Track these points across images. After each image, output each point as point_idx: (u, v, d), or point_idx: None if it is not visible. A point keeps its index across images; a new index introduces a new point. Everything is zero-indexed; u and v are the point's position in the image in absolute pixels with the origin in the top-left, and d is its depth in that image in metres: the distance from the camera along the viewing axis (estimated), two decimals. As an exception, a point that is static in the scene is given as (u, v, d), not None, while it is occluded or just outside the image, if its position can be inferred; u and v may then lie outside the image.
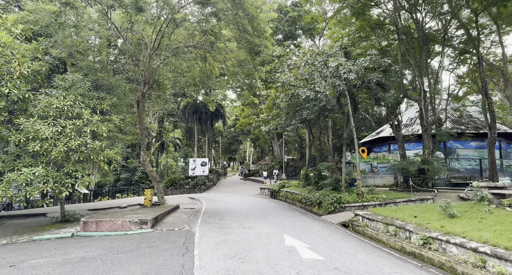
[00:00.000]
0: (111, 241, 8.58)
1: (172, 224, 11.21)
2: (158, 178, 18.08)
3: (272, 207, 18.85)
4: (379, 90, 16.31)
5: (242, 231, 9.66)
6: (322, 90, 13.35)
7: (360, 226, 11.12)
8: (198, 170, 43.17)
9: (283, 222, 12.11)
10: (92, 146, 12.25)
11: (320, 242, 8.43)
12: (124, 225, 10.32)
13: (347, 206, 14.84)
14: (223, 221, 12.14)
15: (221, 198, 26.83)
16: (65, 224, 12.79)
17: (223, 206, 19.30)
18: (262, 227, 10.77)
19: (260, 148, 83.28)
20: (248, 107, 56.92)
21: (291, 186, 27.09)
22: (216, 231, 9.64)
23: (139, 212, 12.79)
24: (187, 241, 8.12)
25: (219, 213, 14.83)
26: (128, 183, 46.28)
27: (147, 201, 15.80)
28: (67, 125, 11.90)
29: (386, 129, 33.44)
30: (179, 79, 17.72)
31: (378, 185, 26.98)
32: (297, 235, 9.26)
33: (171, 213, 14.52)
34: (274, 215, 14.50)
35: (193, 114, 46.43)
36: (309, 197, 18.95)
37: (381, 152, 30.86)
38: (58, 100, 12.11)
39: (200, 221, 11.89)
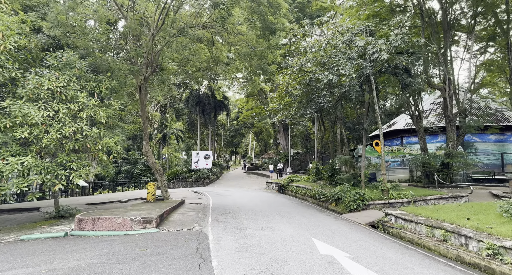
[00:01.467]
0: (110, 244, 7.19)
1: (179, 222, 9.83)
2: (161, 170, 16.70)
3: (284, 203, 17.48)
4: (406, 76, 14.77)
5: (263, 233, 8.26)
6: (348, 73, 11.83)
7: (395, 228, 9.71)
8: (201, 163, 41.84)
9: (303, 222, 10.71)
10: (89, 134, 10.84)
11: (359, 249, 7.02)
12: (125, 224, 8.94)
13: (371, 203, 13.43)
14: (236, 219, 10.75)
15: (227, 192, 25.49)
16: (59, 220, 11.44)
17: (231, 201, 17.94)
18: (283, 227, 9.38)
19: (263, 141, 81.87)
20: (252, 99, 55.35)
21: (300, 180, 25.73)
22: (232, 233, 8.24)
23: (142, 208, 11.41)
24: (200, 246, 6.72)
25: (230, 210, 13.45)
26: (129, 176, 45.01)
27: (150, 195, 14.43)
28: (60, 109, 10.48)
29: (399, 121, 31.89)
30: (184, 62, 16.18)
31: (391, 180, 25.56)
32: (328, 239, 7.85)
33: (176, 209, 13.15)
34: (290, 213, 13.11)
35: (196, 105, 44.95)
36: (323, 192, 17.58)
37: (392, 146, 29.40)
38: (50, 81, 10.65)
39: (211, 220, 10.49)
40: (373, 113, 16.08)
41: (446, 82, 19.26)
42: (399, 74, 14.60)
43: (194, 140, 59.04)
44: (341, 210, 14.29)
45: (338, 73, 12.87)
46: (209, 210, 13.42)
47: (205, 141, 70.14)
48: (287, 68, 17.75)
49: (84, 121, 10.91)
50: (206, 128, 62.05)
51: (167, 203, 13.58)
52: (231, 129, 75.26)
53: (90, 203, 16.13)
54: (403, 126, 29.15)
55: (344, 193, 14.31)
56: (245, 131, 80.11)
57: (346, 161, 17.13)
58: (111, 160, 11.84)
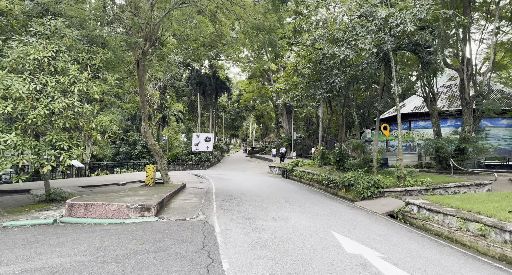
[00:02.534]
0: (102, 236, 6.26)
1: (181, 210, 8.91)
2: (161, 152, 15.71)
3: (291, 189, 16.61)
4: (426, 54, 13.54)
5: (275, 225, 7.33)
6: (368, 47, 10.61)
7: (418, 219, 8.81)
8: (202, 145, 40.96)
9: (316, 211, 9.81)
10: (81, 110, 9.77)
11: (388, 246, 6.10)
12: (121, 211, 8.01)
13: (386, 191, 12.52)
14: (243, 207, 9.83)
15: (229, 176, 24.65)
16: (50, 204, 10.52)
17: (235, 186, 17.07)
18: (296, 217, 8.46)
19: (264, 125, 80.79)
20: (254, 81, 53.87)
21: (305, 165, 24.87)
22: (241, 224, 7.30)
23: (140, 193, 10.48)
24: (207, 241, 5.77)
25: (234, 196, 12.55)
26: (128, 157, 44.17)
27: (149, 179, 13.49)
28: (49, 82, 9.35)
29: (407, 105, 30.71)
30: (186, 37, 14.86)
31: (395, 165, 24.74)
32: (350, 233, 6.93)
33: (177, 194, 12.24)
34: (299, 200, 12.23)
35: (197, 86, 43.54)
36: (332, 178, 16.70)
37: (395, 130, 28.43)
38: (37, 50, 9.47)
39: (216, 207, 9.57)
40: (388, 94, 14.99)
41: (464, 62, 18.02)
42: (420, 52, 13.38)
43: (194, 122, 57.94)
44: (353, 197, 13.42)
45: (356, 48, 11.65)
46: (213, 195, 12.52)
47: (206, 124, 69.02)
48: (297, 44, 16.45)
49: (76, 96, 9.80)
50: (206, 111, 60.78)
51: (167, 187, 12.67)
52: (232, 112, 74.07)
53: (85, 185, 15.23)
54: (411, 110, 28.03)
55: (357, 179, 13.39)
56: (246, 114, 78.92)
57: (358, 145, 16.14)
58: (107, 140, 10.80)
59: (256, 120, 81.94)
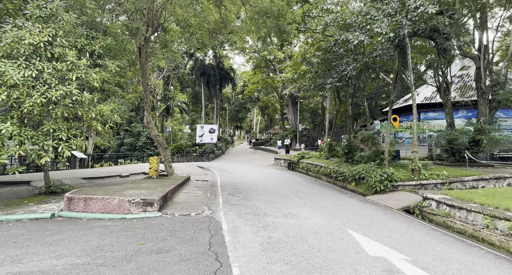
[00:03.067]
0: (101, 233, 5.79)
1: (186, 204, 8.42)
2: (165, 143, 15.21)
3: (298, 182, 16.10)
4: (443, 40, 12.78)
5: (287, 222, 6.81)
6: (385, 32, 9.91)
7: (438, 215, 8.25)
8: (206, 137, 40.50)
9: (328, 206, 9.28)
10: (79, 99, 9.27)
11: (413, 247, 5.57)
12: (122, 206, 7.54)
13: (400, 184, 11.95)
14: (250, 201, 9.33)
15: (234, 168, 24.18)
16: (49, 196, 10.11)
17: (240, 178, 16.59)
18: (308, 213, 7.95)
19: (269, 116, 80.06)
20: (258, 72, 52.99)
21: (311, 157, 24.31)
22: (250, 221, 6.79)
23: (143, 186, 10.02)
24: (214, 240, 5.27)
25: (241, 189, 12.06)
26: (132, 149, 43.93)
27: (153, 171, 13.03)
28: (45, 69, 8.82)
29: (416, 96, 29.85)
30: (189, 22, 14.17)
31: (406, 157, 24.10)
32: (367, 232, 6.41)
33: (182, 187, 11.78)
34: (308, 193, 11.71)
35: (201, 76, 42.85)
36: (341, 171, 16.16)
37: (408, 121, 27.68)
38: (32, 34, 8.92)
39: (222, 202, 9.07)
40: (402, 83, 14.29)
41: (481, 50, 17.18)
42: (437, 38, 12.62)
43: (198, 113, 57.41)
44: (364, 191, 12.88)
45: (370, 33, 10.94)
46: (218, 188, 12.04)
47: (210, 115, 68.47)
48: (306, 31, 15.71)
49: (74, 84, 9.28)
50: (211, 102, 60.17)
51: (171, 180, 12.20)
52: (236, 104, 73.39)
53: (87, 177, 14.84)
54: (421, 101, 27.23)
55: (368, 172, 12.83)
56: (250, 106, 78.18)
57: (369, 137, 15.49)
58: (108, 130, 10.30)
59: (260, 112, 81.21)
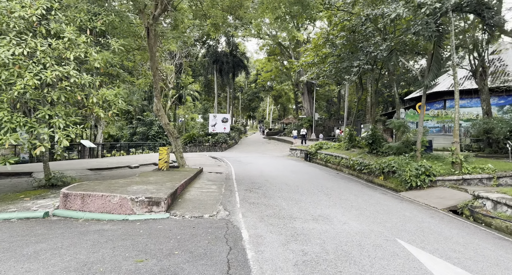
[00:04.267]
0: (94, 242, 4.72)
1: (198, 203, 7.30)
2: (176, 133, 14.13)
3: (319, 175, 14.84)
4: (491, 14, 11.11)
5: (319, 229, 5.59)
6: (429, 2, 8.38)
7: (497, 218, 6.89)
8: (219, 126, 39.48)
9: (361, 205, 8.01)
10: (78, 81, 8.17)
11: (490, 266, 4.29)
12: (124, 205, 6.46)
13: (439, 179, 10.54)
14: (271, 199, 8.14)
15: (248, 159, 23.05)
16: (49, 190, 9.17)
17: (256, 170, 15.43)
18: (341, 215, 6.71)
19: (282, 106, 78.44)
20: (272, 59, 51.31)
21: (330, 147, 22.93)
22: (274, 227, 5.60)
23: (150, 180, 8.95)
24: (233, 256, 4.10)
25: (258, 183, 10.89)
26: (145, 138, 43.36)
27: (163, 162, 11.97)
28: (39, 46, 7.73)
29: (441, 82, 27.84)
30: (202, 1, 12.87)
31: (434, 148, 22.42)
32: (423, 242, 5.14)
33: (194, 180, 10.69)
34: (334, 189, 10.44)
35: (214, 64, 41.53)
36: (366, 163, 14.82)
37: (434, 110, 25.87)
38: (24, 7, 7.84)
39: (239, 200, 7.91)
40: (438, 65, 12.72)
41: (527, 30, 15.28)
42: (484, 12, 10.95)
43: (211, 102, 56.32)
44: (395, 186, 11.54)
45: (409, 6, 9.40)
46: (234, 182, 10.89)
47: (222, 104, 67.32)
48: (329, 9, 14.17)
49: (72, 64, 8.17)
50: (223, 91, 58.92)
51: (183, 173, 11.13)
52: (249, 93, 71.91)
53: (94, 168, 13.96)
54: (447, 88, 25.26)
55: (401, 166, 11.44)
56: (263, 95, 76.58)
57: (400, 126, 13.99)
58: (112, 117, 9.22)
59: (273, 101, 79.57)
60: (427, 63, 13.10)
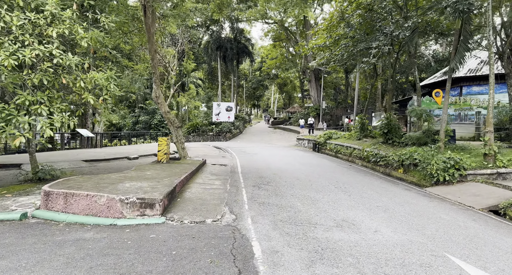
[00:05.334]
0: (69, 258, 3.75)
1: (199, 203, 6.29)
2: (177, 122, 13.08)
3: (331, 167, 13.79)
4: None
5: (348, 240, 4.56)
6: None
7: (553, 224, 5.82)
8: (223, 115, 38.42)
9: (388, 205, 6.96)
10: (63, 62, 7.09)
11: None
12: (112, 207, 5.47)
13: (470, 173, 9.44)
14: (283, 198, 7.11)
15: (254, 149, 22.04)
16: (36, 185, 8.22)
17: (263, 162, 14.41)
18: (368, 220, 5.67)
19: (287, 94, 76.93)
20: (278, 45, 49.73)
21: (340, 137, 21.82)
22: (292, 238, 4.56)
23: (147, 174, 7.96)
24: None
25: (266, 178, 9.86)
26: (147, 127, 42.46)
27: (162, 154, 10.97)
28: (14, 21, 6.65)
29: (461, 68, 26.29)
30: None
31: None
32: (480, 260, 4.12)
33: (196, 174, 9.69)
34: (352, 185, 9.39)
35: (217, 50, 40.12)
36: (382, 154, 13.75)
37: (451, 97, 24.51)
38: (-5, -26, 6.73)
39: (247, 199, 6.88)
40: (465, 46, 11.48)
41: None
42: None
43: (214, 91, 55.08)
44: (417, 181, 10.47)
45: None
46: (240, 177, 9.88)
47: (226, 93, 65.98)
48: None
49: (55, 43, 7.10)
50: (227, 79, 57.53)
51: (184, 165, 10.13)
52: (254, 81, 70.37)
53: (90, 159, 13.01)
54: (464, 74, 23.81)
55: (425, 158, 10.32)
56: (268, 83, 75.02)
57: (422, 114, 12.79)
58: (104, 104, 8.17)
59: (278, 89, 78.10)
60: (454, 43, 11.82)
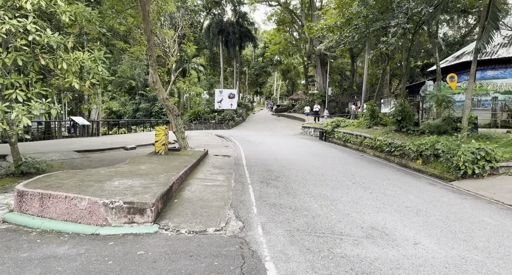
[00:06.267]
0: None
1: (200, 205, 5.37)
2: (176, 109, 12.09)
3: (342, 158, 12.82)
4: None
5: (387, 259, 3.63)
6: None
7: None
8: (225, 102, 37.34)
9: (419, 206, 6.02)
10: (41, 40, 6.11)
11: None
12: (95, 212, 4.55)
13: (503, 165, 8.46)
14: (298, 198, 6.16)
15: (258, 137, 21.07)
16: (17, 180, 7.30)
17: (269, 152, 13.47)
18: (402, 227, 4.73)
19: (291, 81, 75.28)
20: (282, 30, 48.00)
21: (348, 125, 20.80)
22: (317, 257, 3.64)
23: (141, 169, 7.04)
24: None
25: (275, 171, 8.93)
26: (148, 114, 41.45)
27: (160, 145, 10.01)
28: (-22, -10, 5.63)
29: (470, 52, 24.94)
30: None
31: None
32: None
33: (196, 168, 8.76)
34: (370, 179, 8.45)
35: (219, 34, 38.64)
36: (397, 144, 12.79)
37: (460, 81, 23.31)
38: None
39: (255, 199, 5.94)
40: (495, 23, 10.36)
41: None
42: None
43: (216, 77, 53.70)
44: (439, 173, 9.53)
45: None
46: (245, 170, 8.94)
47: (228, 80, 64.55)
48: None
49: (31, 16, 6.10)
50: (229, 65, 56.01)
51: (183, 157, 9.20)
52: (256, 67, 68.73)
53: (83, 149, 12.11)
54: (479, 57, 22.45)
55: (449, 148, 9.32)
56: (271, 70, 73.35)
57: (443, 100, 11.68)
58: (90, 88, 7.17)
59: (282, 76, 76.45)
60: (481, 21, 10.68)
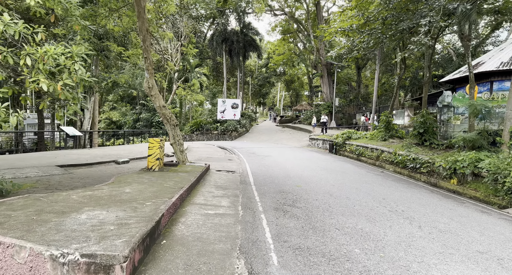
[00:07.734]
0: None
1: (197, 250, 3.83)
2: (174, 119, 10.67)
3: (363, 175, 11.26)
4: None
5: None
6: None
7: None
8: (228, 113, 36.03)
9: (491, 249, 4.50)
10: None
11: None
12: (38, 270, 3.04)
13: None
14: (330, 238, 4.62)
15: (264, 150, 19.58)
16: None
17: (278, 167, 11.96)
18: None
19: (295, 92, 74.19)
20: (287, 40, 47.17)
21: (360, 137, 19.34)
22: None
23: (123, 194, 5.55)
24: None
25: (290, 194, 7.40)
26: (149, 125, 40.18)
27: (153, 159, 8.54)
28: None
29: (487, 61, 23.54)
30: None
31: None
32: None
33: (195, 188, 7.25)
34: (408, 206, 6.89)
35: (223, 43, 37.63)
36: (423, 160, 11.32)
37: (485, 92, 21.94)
38: None
39: (272, 240, 4.38)
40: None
41: None
42: None
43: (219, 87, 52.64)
44: (484, 197, 7.99)
45: None
46: (253, 191, 7.42)
47: (231, 90, 63.52)
48: None
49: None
50: (232, 75, 55.07)
51: (181, 175, 7.70)
52: (260, 78, 67.83)
53: (68, 164, 10.63)
54: (496, 67, 21.07)
55: (500, 168, 7.79)
56: (274, 80, 72.41)
57: (480, 110, 10.19)
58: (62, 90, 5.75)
59: (285, 86, 75.52)
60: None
